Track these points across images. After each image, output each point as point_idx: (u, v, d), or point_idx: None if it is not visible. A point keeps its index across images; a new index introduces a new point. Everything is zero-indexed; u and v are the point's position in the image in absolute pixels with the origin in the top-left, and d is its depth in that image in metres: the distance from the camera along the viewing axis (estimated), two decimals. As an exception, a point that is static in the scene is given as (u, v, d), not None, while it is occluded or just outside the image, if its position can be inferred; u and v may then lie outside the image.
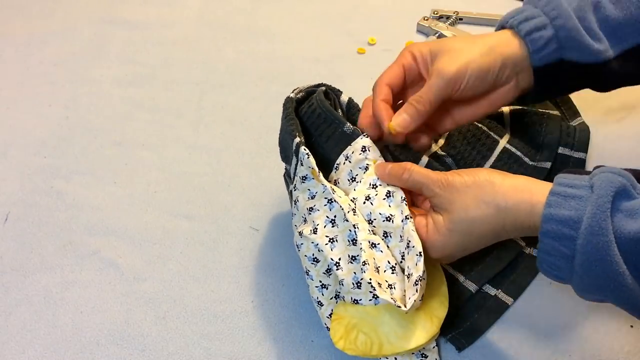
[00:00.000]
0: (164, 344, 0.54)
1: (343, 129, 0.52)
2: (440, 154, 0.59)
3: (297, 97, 0.56)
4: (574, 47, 0.50)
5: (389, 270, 0.48)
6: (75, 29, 0.87)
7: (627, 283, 0.39)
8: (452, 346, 0.52)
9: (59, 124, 0.74)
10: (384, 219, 0.49)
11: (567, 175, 0.43)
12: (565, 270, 0.42)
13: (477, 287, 0.55)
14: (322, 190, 0.51)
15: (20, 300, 0.58)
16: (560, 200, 0.41)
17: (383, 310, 0.48)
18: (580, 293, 0.43)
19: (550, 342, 0.52)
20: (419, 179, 0.49)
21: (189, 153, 0.70)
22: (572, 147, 0.63)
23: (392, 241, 0.49)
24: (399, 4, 0.87)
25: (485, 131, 0.61)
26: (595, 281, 0.40)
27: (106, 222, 0.64)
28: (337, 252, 0.49)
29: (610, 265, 0.39)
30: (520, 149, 0.61)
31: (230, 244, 0.61)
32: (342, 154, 0.52)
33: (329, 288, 0.51)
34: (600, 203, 0.40)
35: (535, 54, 0.51)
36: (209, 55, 0.82)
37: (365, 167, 0.52)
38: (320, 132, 0.54)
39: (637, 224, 0.39)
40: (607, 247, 0.39)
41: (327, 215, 0.50)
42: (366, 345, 0.48)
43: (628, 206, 0.40)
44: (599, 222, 0.39)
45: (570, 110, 0.69)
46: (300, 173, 0.52)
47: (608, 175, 0.41)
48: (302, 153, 0.51)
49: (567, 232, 0.40)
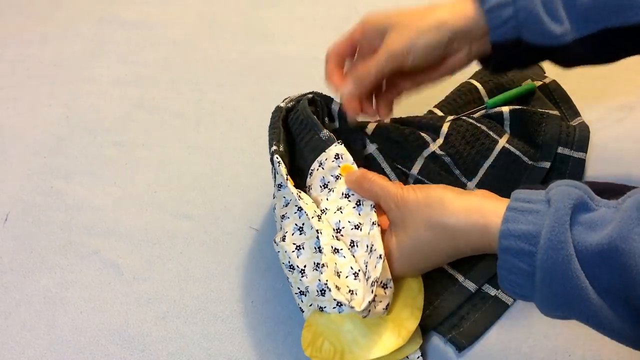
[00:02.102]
0: (164, 344, 0.54)
1: (319, 135, 0.53)
2: (438, 154, 0.60)
3: (287, 106, 0.57)
4: (532, 29, 0.50)
5: (351, 277, 0.48)
6: (75, 29, 0.87)
7: (589, 297, 0.37)
8: (452, 346, 0.52)
9: (59, 124, 0.74)
10: (352, 227, 0.50)
11: (524, 191, 0.42)
12: (526, 288, 0.40)
13: (477, 287, 0.55)
14: (294, 198, 0.51)
15: (20, 300, 0.58)
16: (518, 215, 0.40)
17: (347, 318, 0.48)
18: (543, 310, 0.41)
19: (550, 342, 0.52)
20: (377, 191, 0.49)
21: (189, 153, 0.70)
22: (572, 146, 0.63)
23: (359, 250, 0.49)
24: (399, 4, 0.87)
25: (484, 131, 0.61)
26: (558, 297, 0.39)
27: (106, 222, 0.64)
28: (303, 259, 0.49)
29: (572, 280, 0.37)
30: (520, 149, 0.61)
31: (230, 244, 0.61)
32: (317, 159, 0.53)
33: (307, 295, 0.51)
34: (559, 216, 0.38)
35: (493, 30, 0.51)
36: (209, 55, 0.82)
37: (337, 176, 0.52)
38: (301, 138, 0.55)
39: (597, 236, 0.37)
40: (568, 261, 0.37)
41: (295, 222, 0.51)
42: (329, 353, 0.48)
43: (587, 218, 0.38)
44: (558, 235, 0.38)
45: (570, 110, 0.69)
46: (277, 181, 0.53)
47: (564, 188, 0.40)
48: (274, 161, 0.52)
49: (525, 248, 0.39)
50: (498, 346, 0.53)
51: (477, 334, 0.53)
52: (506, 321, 0.54)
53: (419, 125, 0.62)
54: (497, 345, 0.53)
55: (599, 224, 0.38)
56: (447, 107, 0.67)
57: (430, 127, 0.61)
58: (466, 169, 0.60)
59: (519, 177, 0.60)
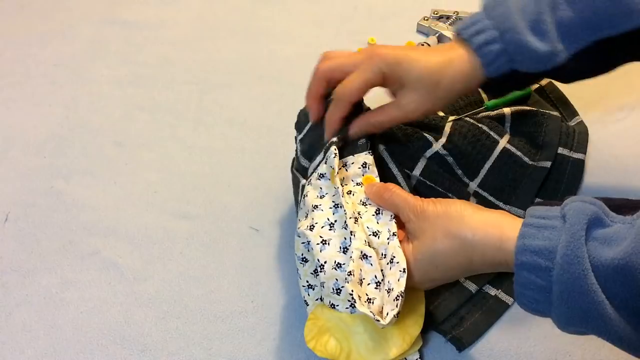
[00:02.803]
0: (164, 344, 0.54)
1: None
2: (442, 153, 0.59)
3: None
4: (525, 59, 0.50)
5: (373, 284, 0.48)
6: (75, 29, 0.87)
7: (607, 313, 0.38)
8: (452, 346, 0.52)
9: (59, 124, 0.74)
10: (371, 233, 0.50)
11: (539, 207, 0.43)
12: (543, 303, 0.41)
13: (477, 287, 0.55)
14: (332, 193, 0.51)
15: (20, 300, 0.58)
16: (534, 231, 0.41)
17: (358, 320, 0.49)
18: (561, 326, 0.41)
19: (550, 342, 0.52)
20: (397, 202, 0.49)
21: (189, 153, 0.70)
22: (572, 147, 0.63)
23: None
24: (399, 4, 0.87)
25: (485, 131, 0.61)
26: (575, 312, 0.39)
27: (106, 222, 0.64)
28: (326, 255, 0.49)
29: (589, 295, 0.37)
30: (520, 149, 0.61)
31: (230, 244, 0.61)
32: (342, 160, 0.53)
33: (315, 289, 0.51)
34: (574, 231, 0.39)
35: (486, 67, 0.51)
36: (209, 55, 0.82)
37: (358, 183, 0.53)
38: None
39: (612, 251, 0.37)
40: (584, 276, 0.37)
41: (328, 217, 0.51)
42: (335, 350, 0.49)
43: (602, 234, 0.39)
44: (574, 250, 0.38)
45: (568, 110, 0.69)
46: (320, 170, 0.53)
47: (579, 204, 0.40)
48: (330, 152, 0.51)
49: (542, 263, 0.40)
50: (498, 346, 0.53)
51: (478, 333, 0.53)
52: (506, 321, 0.54)
53: (421, 125, 0.62)
54: (498, 345, 0.53)
55: (614, 240, 0.38)
56: (448, 108, 0.67)
57: (433, 127, 0.61)
58: (468, 169, 0.60)
59: (520, 178, 0.60)
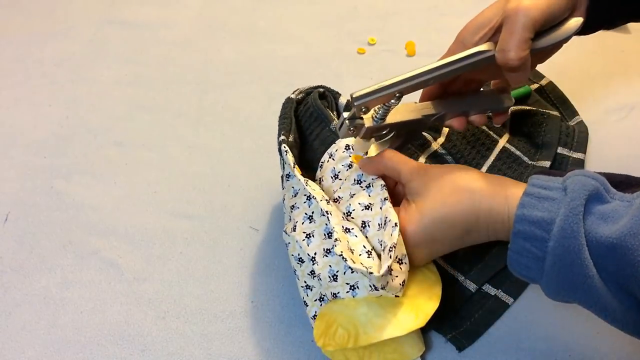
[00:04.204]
0: (164, 344, 0.54)
1: (329, 127, 0.53)
2: (440, 152, 0.60)
3: (297, 98, 0.56)
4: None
5: (365, 254, 0.47)
6: (75, 29, 0.87)
7: (595, 286, 0.39)
8: (452, 346, 0.52)
9: (59, 124, 0.74)
10: (363, 207, 0.50)
11: (541, 177, 0.43)
12: (534, 270, 0.42)
13: (477, 287, 0.55)
14: (303, 187, 0.51)
15: (20, 300, 0.58)
16: (534, 201, 0.41)
17: (362, 301, 0.48)
18: (548, 294, 0.42)
19: (550, 342, 0.52)
20: (396, 165, 0.49)
21: (189, 153, 0.70)
22: (571, 147, 0.63)
23: (371, 230, 0.49)
24: (399, 4, 0.87)
25: (484, 131, 0.62)
26: (564, 283, 0.40)
27: (106, 222, 0.64)
28: (314, 246, 0.49)
29: (580, 268, 0.39)
30: (520, 149, 0.61)
31: (230, 244, 0.61)
32: (327, 151, 0.53)
33: (313, 289, 0.51)
34: (573, 206, 0.39)
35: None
36: (209, 55, 0.82)
37: (349, 165, 0.52)
38: (311, 130, 0.54)
39: (609, 228, 0.38)
40: (578, 250, 0.39)
41: (305, 212, 0.51)
42: (343, 338, 0.47)
43: (601, 210, 0.39)
44: (571, 225, 0.39)
45: (568, 110, 0.69)
46: (285, 171, 0.53)
47: (581, 178, 0.41)
48: (282, 150, 0.51)
49: (538, 234, 0.40)
50: (498, 346, 0.53)
51: (478, 333, 0.53)
52: (506, 321, 0.54)
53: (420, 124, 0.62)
54: (497, 345, 0.53)
55: (611, 217, 0.39)
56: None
57: (432, 127, 0.61)
58: (467, 168, 0.60)
59: (519, 177, 0.60)
